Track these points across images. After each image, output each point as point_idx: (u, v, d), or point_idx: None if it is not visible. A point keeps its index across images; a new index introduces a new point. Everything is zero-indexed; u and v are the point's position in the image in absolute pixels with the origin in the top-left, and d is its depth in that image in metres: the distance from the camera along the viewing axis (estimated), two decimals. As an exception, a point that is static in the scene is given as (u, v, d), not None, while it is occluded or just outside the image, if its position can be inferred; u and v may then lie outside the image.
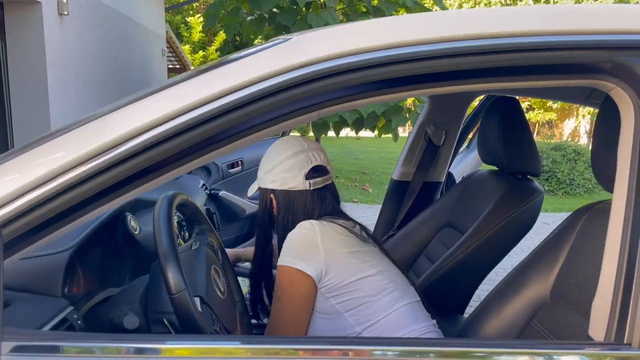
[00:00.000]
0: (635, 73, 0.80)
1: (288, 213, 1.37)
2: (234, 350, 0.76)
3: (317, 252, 1.27)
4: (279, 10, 6.95)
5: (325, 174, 1.39)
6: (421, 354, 0.78)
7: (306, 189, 1.36)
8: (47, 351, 0.70)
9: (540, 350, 0.76)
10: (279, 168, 1.37)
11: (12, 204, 0.67)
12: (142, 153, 0.74)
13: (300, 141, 1.41)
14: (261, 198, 1.43)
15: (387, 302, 1.33)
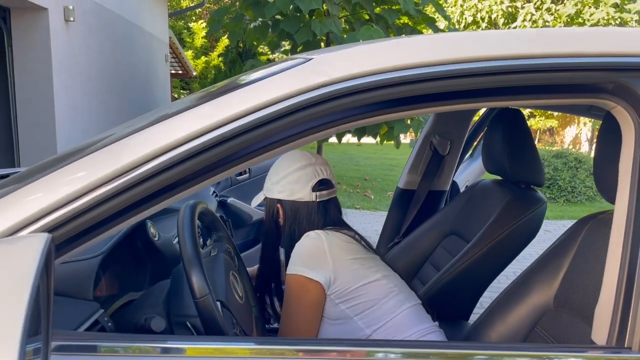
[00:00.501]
0: (636, 93, 0.85)
1: (294, 223, 1.42)
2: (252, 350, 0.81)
3: (325, 260, 1.32)
4: (282, 18, 7.01)
5: (330, 187, 1.46)
6: (425, 356, 0.83)
7: (312, 201, 1.42)
8: (86, 350, 0.76)
9: (544, 352, 0.80)
10: (287, 179, 1.43)
11: (60, 210, 0.72)
12: (173, 167, 0.79)
13: (308, 155, 1.47)
14: (268, 207, 1.49)
15: (393, 304, 1.39)
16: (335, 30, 6.45)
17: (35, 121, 5.37)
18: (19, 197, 0.75)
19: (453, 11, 17.18)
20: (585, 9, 15.61)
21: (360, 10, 7.50)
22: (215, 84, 6.65)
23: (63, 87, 5.57)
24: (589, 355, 0.80)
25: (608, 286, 0.84)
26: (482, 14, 16.82)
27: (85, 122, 6.13)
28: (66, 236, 0.74)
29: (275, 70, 0.87)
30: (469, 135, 2.41)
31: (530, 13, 16.10)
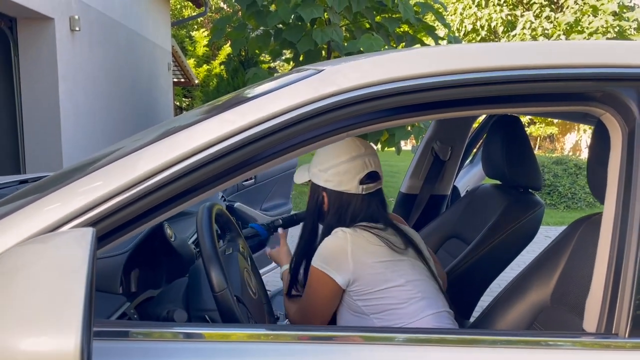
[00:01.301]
0: (623, 101, 0.92)
1: (337, 212, 1.42)
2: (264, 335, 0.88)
3: (346, 262, 1.34)
4: (284, 27, 7.11)
5: (377, 180, 1.45)
6: (421, 340, 0.89)
7: (359, 193, 1.41)
8: (118, 335, 0.83)
9: (540, 338, 0.87)
10: (336, 170, 1.41)
11: (102, 205, 0.80)
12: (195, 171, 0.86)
13: (359, 145, 1.45)
14: (312, 191, 1.48)
15: (412, 310, 1.39)
16: (337, 39, 6.54)
17: (41, 128, 5.44)
18: (59, 196, 0.82)
19: (453, 19, 17.31)
20: (584, 17, 15.74)
21: (361, 19, 7.61)
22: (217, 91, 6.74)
23: (68, 95, 5.65)
24: (581, 340, 0.86)
25: (598, 279, 0.91)
26: (481, 22, 16.96)
27: (89, 130, 6.21)
28: (101, 232, 0.82)
29: (289, 80, 0.95)
30: (469, 142, 2.48)
31: (529, 21, 16.23)
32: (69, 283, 0.59)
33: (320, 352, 0.86)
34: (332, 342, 0.88)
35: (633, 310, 0.84)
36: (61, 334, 0.56)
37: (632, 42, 0.99)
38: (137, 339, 0.83)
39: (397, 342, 0.88)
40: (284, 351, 0.86)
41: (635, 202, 0.87)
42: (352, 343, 0.88)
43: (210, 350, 0.85)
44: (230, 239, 1.54)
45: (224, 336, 0.88)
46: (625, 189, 0.90)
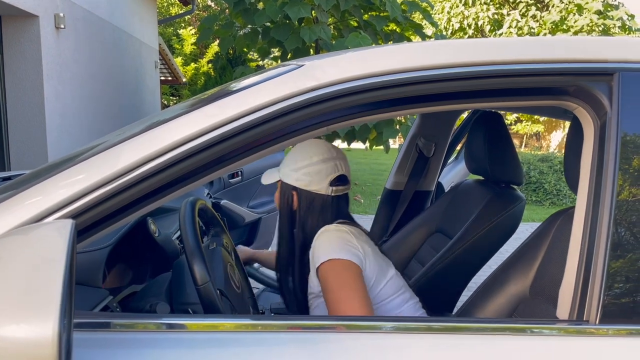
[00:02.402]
0: (594, 95, 0.95)
1: (307, 212, 1.44)
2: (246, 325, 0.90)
3: (354, 246, 1.35)
4: (272, 25, 7.11)
5: (346, 184, 1.48)
6: (407, 329, 0.91)
7: (328, 194, 1.44)
8: (100, 327, 0.84)
9: (515, 325, 0.90)
10: (307, 170, 1.44)
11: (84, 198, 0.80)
12: (177, 164, 0.87)
13: (330, 148, 1.48)
14: (282, 191, 1.50)
15: (398, 302, 1.44)
16: (324, 37, 6.56)
17: (26, 126, 5.40)
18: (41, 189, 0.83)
19: (440, 18, 17.41)
20: (570, 16, 15.90)
21: (349, 17, 7.63)
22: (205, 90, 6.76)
23: (53, 93, 5.61)
24: (555, 326, 0.89)
25: (570, 269, 0.94)
26: (468, 20, 17.07)
27: (75, 128, 6.17)
28: (83, 225, 0.82)
29: (270, 75, 0.96)
30: (452, 138, 2.51)
31: (515, 20, 16.37)
32: (48, 272, 0.60)
33: (305, 341, 0.87)
34: (320, 331, 0.90)
35: (603, 298, 0.87)
36: (39, 321, 0.57)
37: (603, 38, 1.02)
38: (119, 330, 0.84)
39: (385, 330, 0.90)
40: (268, 340, 0.87)
41: (606, 194, 0.90)
42: (340, 332, 0.90)
43: (192, 341, 0.86)
44: (214, 234, 1.55)
45: (206, 326, 0.89)
46: (596, 181, 0.92)
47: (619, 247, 0.89)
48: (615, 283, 0.88)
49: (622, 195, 0.89)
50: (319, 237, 1.36)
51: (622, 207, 0.89)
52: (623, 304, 0.88)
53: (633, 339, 0.87)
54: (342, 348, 0.86)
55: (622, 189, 0.90)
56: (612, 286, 0.88)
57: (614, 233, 0.89)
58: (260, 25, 7.14)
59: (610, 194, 0.89)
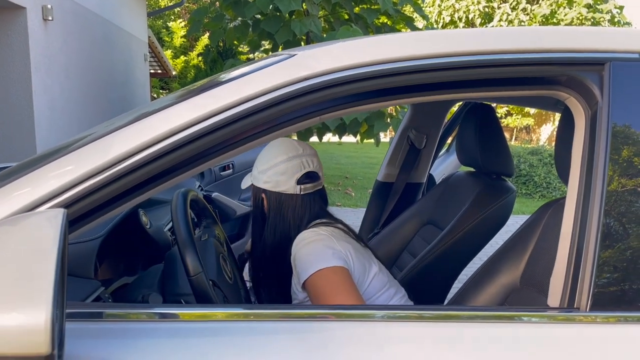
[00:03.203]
0: (585, 85, 0.95)
1: (278, 214, 1.42)
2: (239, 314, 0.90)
3: (338, 250, 1.31)
4: (262, 17, 7.07)
5: (316, 180, 1.45)
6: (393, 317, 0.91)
7: (296, 194, 1.41)
8: (92, 317, 0.84)
9: (506, 313, 0.90)
10: (273, 170, 1.41)
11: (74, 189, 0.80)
12: (169, 154, 0.86)
13: (296, 145, 1.46)
14: (254, 195, 1.49)
15: (385, 298, 1.43)
16: (315, 30, 6.53)
17: (14, 119, 5.34)
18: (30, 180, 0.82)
19: (431, 11, 17.43)
20: (560, 9, 15.98)
21: (340, 10, 7.60)
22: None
23: (41, 85, 5.55)
24: (546, 314, 0.90)
25: (561, 258, 0.94)
26: (459, 13, 17.10)
27: (64, 120, 6.11)
28: (74, 215, 0.82)
29: (261, 65, 0.95)
30: (444, 130, 2.51)
31: (506, 13, 16.42)
32: (39, 261, 0.59)
33: (298, 330, 0.87)
34: (311, 319, 0.90)
35: (593, 285, 0.88)
36: (32, 310, 0.56)
37: (594, 27, 1.02)
38: (111, 320, 0.84)
39: (377, 319, 0.90)
40: (261, 329, 0.87)
41: (596, 183, 0.90)
42: (331, 320, 0.90)
43: (185, 330, 0.86)
44: (206, 226, 1.55)
45: (199, 316, 0.89)
46: (587, 170, 0.93)
47: (609, 237, 0.89)
48: (605, 271, 0.89)
49: (613, 185, 0.90)
50: (300, 249, 1.32)
51: (612, 197, 0.90)
52: (613, 291, 0.89)
53: (623, 325, 0.88)
54: (333, 336, 0.87)
55: (613, 178, 0.90)
56: (602, 274, 0.89)
57: (605, 222, 0.89)
58: (251, 18, 7.10)
59: (600, 183, 0.90)
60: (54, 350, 0.56)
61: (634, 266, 0.89)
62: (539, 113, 18.75)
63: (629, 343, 0.87)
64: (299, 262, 1.31)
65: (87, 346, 0.79)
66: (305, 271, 1.27)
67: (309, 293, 1.29)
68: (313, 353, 0.84)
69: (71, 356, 0.76)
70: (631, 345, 0.87)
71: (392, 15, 7.32)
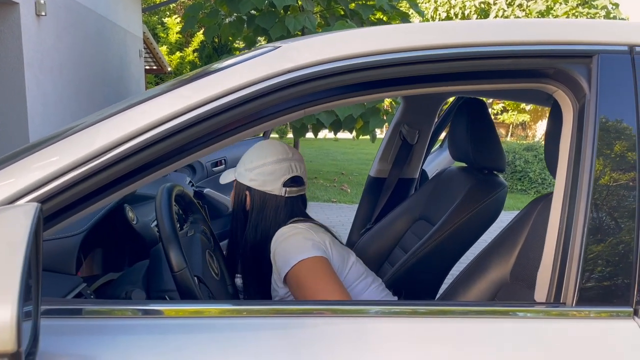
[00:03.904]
0: (573, 78, 0.94)
1: (260, 213, 1.44)
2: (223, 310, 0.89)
3: (316, 241, 1.35)
4: (257, 13, 7.03)
5: (301, 185, 1.48)
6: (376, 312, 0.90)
7: (281, 195, 1.44)
8: (71, 313, 0.82)
9: (492, 308, 0.90)
10: (261, 170, 1.43)
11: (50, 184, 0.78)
12: (151, 146, 0.85)
13: (286, 149, 1.48)
14: (237, 191, 1.50)
15: (362, 286, 1.47)
16: (310, 26, 6.50)
17: (7, 115, 5.30)
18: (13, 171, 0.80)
19: (427, 7, 17.40)
20: (556, 5, 15.98)
21: (335, 5, 7.57)
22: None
23: (35, 81, 5.51)
24: (533, 309, 0.90)
25: (548, 253, 0.94)
26: (455, 10, 17.08)
27: (58, 116, 6.08)
28: (51, 210, 0.80)
29: (245, 57, 0.94)
30: (436, 126, 2.50)
31: (502, 9, 16.42)
32: (7, 257, 0.58)
33: (288, 326, 0.86)
34: (303, 315, 0.88)
35: (580, 280, 0.87)
36: None
37: (582, 20, 1.01)
38: (92, 317, 0.82)
39: (370, 315, 0.89)
40: (248, 325, 0.86)
41: (584, 177, 0.89)
42: (323, 316, 0.89)
43: (169, 327, 0.84)
44: (193, 221, 1.53)
45: (185, 312, 0.87)
46: (574, 164, 0.92)
47: (596, 231, 0.89)
48: (592, 266, 0.88)
49: (600, 179, 0.89)
50: (280, 244, 1.34)
51: (599, 191, 0.89)
52: (599, 286, 0.88)
53: (609, 320, 0.87)
54: (325, 332, 0.85)
55: (600, 172, 0.89)
56: (589, 269, 0.88)
57: (591, 217, 0.88)
58: (246, 14, 7.06)
59: (588, 177, 0.89)
60: (20, 347, 0.55)
61: (620, 261, 0.88)
62: (535, 109, 18.77)
63: (615, 338, 0.86)
64: (279, 257, 1.32)
65: (65, 343, 0.78)
66: (286, 264, 1.29)
67: (291, 286, 1.30)
68: (304, 349, 0.83)
69: (48, 354, 0.74)
70: (617, 341, 0.86)
71: (387, 11, 7.30)
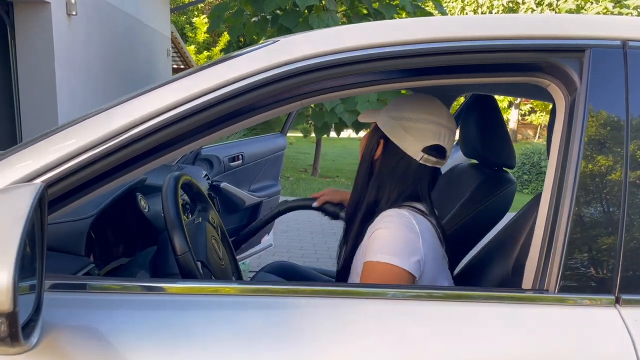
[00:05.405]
0: (565, 71, 0.95)
1: (387, 169, 1.29)
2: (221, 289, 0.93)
3: (416, 252, 1.18)
4: (281, 13, 7.11)
5: (441, 157, 1.30)
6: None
7: (415, 159, 1.27)
8: (76, 288, 0.88)
9: (481, 293, 0.92)
10: (408, 124, 1.27)
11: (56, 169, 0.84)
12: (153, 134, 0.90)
13: (444, 112, 1.31)
14: (371, 135, 1.35)
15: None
16: (333, 25, 6.53)
17: (38, 113, 5.47)
18: (18, 158, 0.86)
19: (454, 6, 17.24)
20: (587, 4, 15.65)
21: (359, 5, 7.59)
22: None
23: (65, 79, 5.67)
24: (518, 294, 0.92)
25: (535, 242, 0.96)
26: (482, 9, 16.88)
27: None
28: (60, 192, 0.86)
29: (246, 51, 0.98)
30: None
31: (531, 8, 16.15)
32: (7, 228, 0.63)
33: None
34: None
35: (562, 268, 0.89)
36: None
37: (576, 15, 1.03)
38: (95, 291, 0.87)
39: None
40: (249, 304, 0.89)
41: (571, 167, 0.91)
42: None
43: (171, 303, 0.89)
44: (201, 209, 1.59)
45: (186, 289, 0.91)
46: (563, 156, 0.94)
47: (581, 222, 0.90)
48: (575, 255, 0.90)
49: (586, 170, 0.91)
50: (380, 227, 1.20)
51: (585, 182, 0.91)
52: (582, 275, 0.90)
53: (590, 308, 0.89)
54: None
55: (587, 163, 0.91)
56: (572, 258, 0.90)
57: (576, 208, 0.90)
58: (270, 13, 7.14)
59: (574, 168, 0.91)
60: (15, 308, 0.60)
61: (604, 251, 0.90)
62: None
63: (595, 325, 0.88)
64: (371, 241, 1.21)
65: (69, 315, 0.84)
66: (373, 252, 1.18)
67: (364, 270, 1.19)
68: (319, 328, 0.86)
69: (52, 324, 0.80)
70: (597, 328, 0.88)
71: (410, 11, 7.28)
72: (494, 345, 0.86)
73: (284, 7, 6.71)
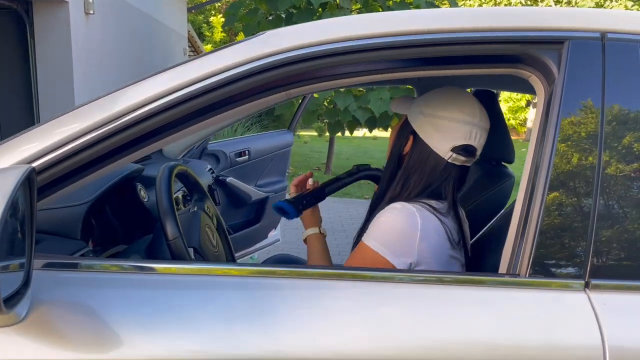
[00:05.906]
0: (544, 63, 0.97)
1: (414, 165, 1.28)
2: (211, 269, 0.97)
3: (412, 248, 1.18)
4: (295, 11, 7.15)
5: (470, 156, 1.27)
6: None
7: (443, 158, 1.25)
8: (69, 267, 0.92)
9: (459, 277, 0.96)
10: (438, 121, 1.25)
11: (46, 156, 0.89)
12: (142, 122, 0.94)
13: (476, 110, 1.27)
14: (401, 129, 1.34)
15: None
16: (346, 23, 6.54)
17: (56, 109, 5.57)
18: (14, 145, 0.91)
19: (472, 4, 17.11)
20: (607, 3, 15.42)
21: (373, 3, 7.59)
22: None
23: (82, 77, 5.78)
24: (492, 278, 0.96)
25: (511, 229, 0.98)
26: (501, 6, 16.73)
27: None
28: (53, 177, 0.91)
29: (232, 43, 1.02)
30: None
31: (549, 6, 15.96)
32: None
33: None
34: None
35: (534, 254, 0.91)
36: None
37: (555, 8, 1.04)
38: (87, 270, 0.92)
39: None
40: (243, 284, 0.93)
41: (545, 156, 0.93)
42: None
43: (161, 282, 0.93)
44: (197, 199, 1.63)
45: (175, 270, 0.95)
46: (540, 144, 0.96)
47: (552, 209, 0.93)
48: (546, 240, 0.92)
49: (560, 158, 0.93)
50: (385, 214, 1.21)
51: (558, 169, 0.93)
52: (553, 260, 0.92)
53: (560, 291, 0.92)
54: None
55: (561, 152, 0.93)
56: (544, 243, 0.92)
57: (549, 196, 0.92)
58: (284, 11, 7.18)
59: (548, 158, 0.93)
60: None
61: (575, 237, 0.92)
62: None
63: (564, 308, 0.90)
64: (375, 225, 1.22)
65: (60, 292, 0.88)
66: (369, 233, 1.20)
67: (355, 250, 1.23)
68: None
69: (43, 301, 0.85)
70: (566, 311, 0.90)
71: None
72: (467, 327, 0.89)
73: (298, 5, 6.74)
